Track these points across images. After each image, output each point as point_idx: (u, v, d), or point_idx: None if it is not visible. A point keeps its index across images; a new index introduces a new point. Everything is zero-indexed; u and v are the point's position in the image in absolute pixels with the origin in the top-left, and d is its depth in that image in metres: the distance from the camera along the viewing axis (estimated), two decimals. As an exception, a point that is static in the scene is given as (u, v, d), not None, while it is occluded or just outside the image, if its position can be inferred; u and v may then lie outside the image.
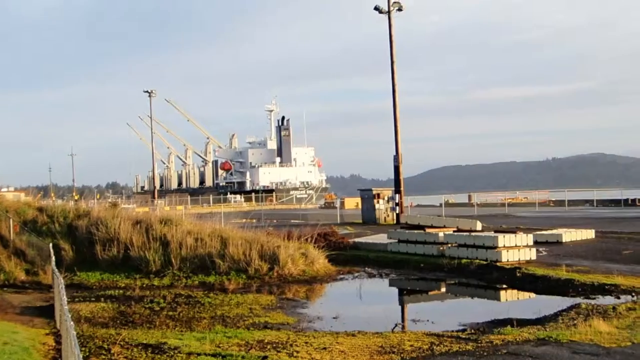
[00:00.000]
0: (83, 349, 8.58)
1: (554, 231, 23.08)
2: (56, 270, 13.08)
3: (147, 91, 78.90)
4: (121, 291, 15.93)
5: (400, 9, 36.51)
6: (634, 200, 57.16)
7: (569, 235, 22.22)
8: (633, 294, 12.48)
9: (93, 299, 14.63)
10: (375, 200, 36.85)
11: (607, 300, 12.15)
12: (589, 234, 22.96)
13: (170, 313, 12.91)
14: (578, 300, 12.37)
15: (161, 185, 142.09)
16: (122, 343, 9.03)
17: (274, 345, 8.95)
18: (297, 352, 8.54)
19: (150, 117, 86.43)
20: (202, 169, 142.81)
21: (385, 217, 36.40)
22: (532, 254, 17.54)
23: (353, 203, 59.40)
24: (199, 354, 8.39)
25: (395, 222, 34.15)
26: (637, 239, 22.16)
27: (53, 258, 15.12)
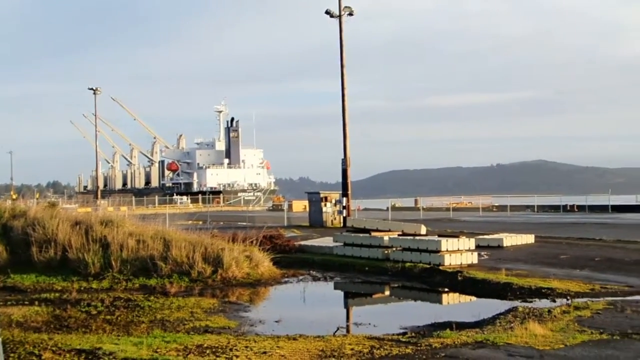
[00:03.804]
0: (12, 355, 8.29)
1: (496, 236, 23.52)
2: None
3: (91, 88, 77.52)
4: (57, 294, 15.47)
5: (351, 14, 36.83)
6: (572, 206, 58.91)
7: (510, 239, 22.68)
8: (568, 297, 12.79)
9: (27, 303, 14.17)
10: (323, 204, 36.90)
11: (544, 304, 12.39)
12: (529, 238, 23.47)
13: (108, 317, 12.60)
14: (516, 303, 12.57)
15: (105, 185, 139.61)
16: (54, 348, 8.74)
17: (214, 349, 8.81)
18: (237, 356, 8.43)
19: (95, 115, 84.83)
20: (148, 169, 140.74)
21: (332, 220, 36.49)
22: (474, 258, 17.81)
23: (301, 206, 59.40)
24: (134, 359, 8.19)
25: (342, 225, 34.27)
26: (573, 244, 22.82)
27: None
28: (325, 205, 36.91)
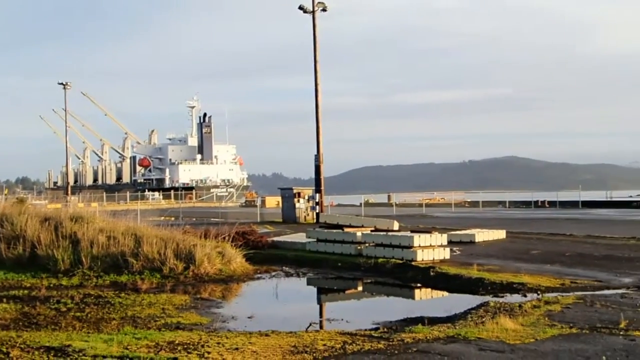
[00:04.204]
0: (-21, 352, 8.13)
1: (468, 231, 23.69)
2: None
3: (61, 83, 76.51)
4: (26, 291, 15.20)
5: (324, 9, 36.82)
6: (543, 202, 59.81)
7: (482, 235, 22.85)
8: (539, 292, 12.90)
9: (-5, 300, 13.93)
10: (296, 199, 36.92)
11: (515, 299, 12.50)
12: (500, 234, 23.69)
13: (78, 314, 12.44)
14: (487, 298, 12.66)
15: (75, 181, 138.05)
16: (22, 346, 8.60)
17: (185, 346, 8.72)
18: (209, 352, 8.35)
19: (65, 110, 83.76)
20: (119, 165, 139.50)
21: (305, 216, 36.51)
22: (446, 254, 17.89)
23: (274, 202, 59.44)
24: (105, 357, 8.07)
25: (315, 221, 34.24)
26: (544, 239, 23.07)
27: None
28: (299, 201, 36.92)
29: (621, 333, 8.93)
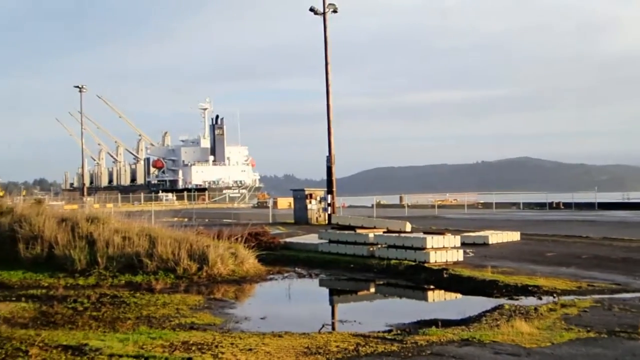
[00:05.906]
0: (-1, 350, 8.24)
1: (481, 233, 23.58)
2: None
3: (77, 86, 77.11)
4: (44, 290, 15.37)
5: (335, 11, 36.87)
6: (557, 204, 59.39)
7: (495, 237, 22.74)
8: (554, 295, 12.80)
9: (14, 299, 14.07)
10: (308, 201, 36.96)
11: (530, 301, 12.40)
12: (514, 236, 23.55)
13: (94, 313, 12.55)
14: (502, 301, 12.59)
15: (91, 182, 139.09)
16: (41, 344, 8.69)
17: (199, 346, 8.79)
18: (222, 353, 8.41)
19: (81, 113, 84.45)
20: (133, 167, 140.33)
21: (317, 218, 36.54)
22: (459, 255, 17.84)
23: (286, 203, 59.47)
24: (120, 356, 8.16)
25: (327, 222, 34.29)
26: (559, 241, 22.90)
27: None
28: (310, 202, 36.96)
29: (641, 338, 8.80)
